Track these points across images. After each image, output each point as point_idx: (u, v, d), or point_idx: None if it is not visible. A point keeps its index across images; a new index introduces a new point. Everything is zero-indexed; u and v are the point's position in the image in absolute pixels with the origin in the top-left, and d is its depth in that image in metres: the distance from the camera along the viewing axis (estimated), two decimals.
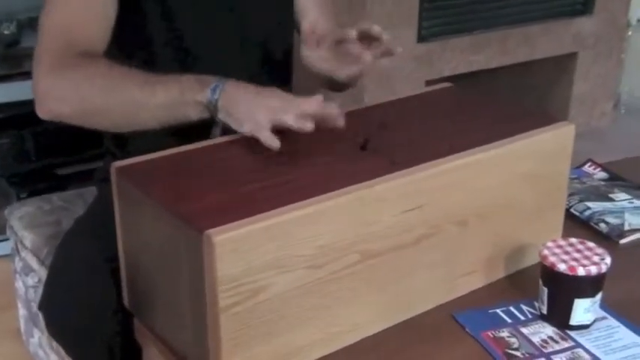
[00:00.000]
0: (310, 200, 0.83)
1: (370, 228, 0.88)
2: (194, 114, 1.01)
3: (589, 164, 1.39)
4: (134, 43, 1.16)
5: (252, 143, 0.96)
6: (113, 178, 0.93)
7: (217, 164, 0.94)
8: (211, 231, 0.77)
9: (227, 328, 0.80)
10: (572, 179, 1.33)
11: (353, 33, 1.06)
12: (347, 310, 0.89)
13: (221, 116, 0.98)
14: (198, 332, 0.83)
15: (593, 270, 0.91)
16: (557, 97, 2.63)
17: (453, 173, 0.94)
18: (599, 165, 1.38)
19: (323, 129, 0.96)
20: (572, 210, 1.21)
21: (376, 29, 1.06)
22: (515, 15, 2.36)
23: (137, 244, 0.93)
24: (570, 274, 0.91)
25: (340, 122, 0.97)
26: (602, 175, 1.35)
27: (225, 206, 0.83)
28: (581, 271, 0.91)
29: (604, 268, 0.92)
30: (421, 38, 2.19)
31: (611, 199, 1.25)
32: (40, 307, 1.14)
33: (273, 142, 0.94)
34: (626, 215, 1.20)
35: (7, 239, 1.78)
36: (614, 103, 2.73)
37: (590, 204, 1.22)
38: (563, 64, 2.58)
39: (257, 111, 0.95)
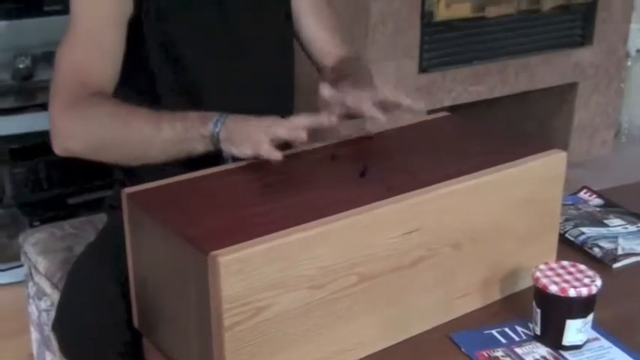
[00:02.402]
0: (310, 224, 0.87)
1: (368, 250, 0.92)
2: (200, 147, 1.07)
3: (584, 191, 1.43)
4: (140, 80, 1.21)
5: (254, 170, 1.01)
6: (124, 203, 0.97)
7: (222, 190, 0.98)
8: (216, 252, 0.81)
9: (231, 345, 0.84)
10: (567, 205, 1.37)
11: (378, 115, 1.07)
12: (347, 329, 0.93)
13: (224, 147, 1.04)
14: (204, 350, 0.87)
15: (584, 291, 0.95)
16: (559, 125, 2.68)
17: (447, 198, 0.98)
18: (595, 192, 1.42)
19: (323, 158, 1.01)
20: (566, 235, 1.25)
21: (406, 102, 1.10)
22: (515, 46, 2.42)
23: (146, 266, 0.97)
24: (562, 295, 0.94)
25: (333, 120, 1.03)
26: (598, 201, 1.39)
27: (229, 229, 0.87)
28: (572, 293, 0.94)
29: (594, 290, 0.95)
30: (422, 69, 2.25)
31: (606, 225, 1.28)
32: (53, 328, 1.18)
33: (274, 154, 1.00)
34: (620, 240, 1.23)
35: (20, 266, 1.83)
36: (615, 131, 2.77)
37: (584, 229, 1.26)
38: (563, 94, 2.63)
39: (253, 131, 1.02)
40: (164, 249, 0.91)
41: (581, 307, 0.96)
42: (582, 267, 1.00)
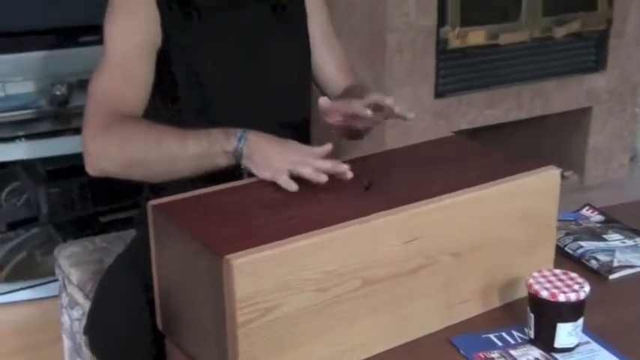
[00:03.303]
0: (316, 232, 0.96)
1: (370, 257, 1.00)
2: (223, 162, 1.15)
3: (587, 208, 1.49)
4: (166, 105, 1.30)
5: (266, 185, 1.10)
6: (149, 214, 1.07)
7: (236, 202, 1.07)
8: (230, 256, 0.90)
9: (244, 341, 0.92)
10: (569, 221, 1.43)
11: (366, 111, 1.15)
12: (350, 330, 1.01)
13: (245, 163, 1.13)
14: (220, 346, 0.95)
15: (573, 297, 1.01)
16: (574, 149, 2.73)
17: (446, 210, 1.06)
18: (597, 209, 1.48)
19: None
20: (566, 248, 1.31)
21: (388, 102, 1.17)
22: (529, 72, 2.49)
23: (169, 271, 1.06)
24: (552, 300, 1.01)
25: (348, 176, 1.10)
26: (599, 218, 1.45)
27: (242, 236, 0.95)
28: (561, 298, 1.01)
29: (583, 296, 1.02)
30: (438, 94, 2.33)
31: (604, 239, 1.35)
32: (85, 331, 1.27)
33: (292, 186, 1.08)
34: (617, 253, 1.29)
35: (54, 280, 1.94)
36: (631, 156, 2.82)
37: (583, 243, 1.32)
38: (579, 118, 2.68)
39: (276, 160, 1.09)
40: (184, 254, 1.01)
41: (570, 311, 1.02)
42: (573, 275, 1.07)
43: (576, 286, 1.03)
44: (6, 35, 2.17)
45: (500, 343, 1.06)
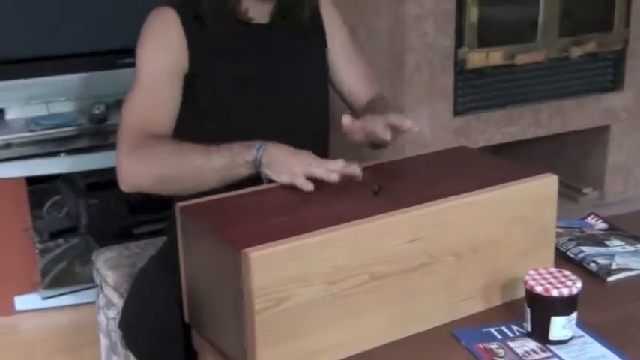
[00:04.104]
0: (325, 229, 1.05)
1: (376, 254, 1.09)
2: (245, 172, 1.26)
3: (592, 217, 1.56)
4: (191, 125, 1.40)
5: (282, 190, 1.20)
6: (177, 214, 1.18)
7: (254, 204, 1.18)
8: (248, 249, 1.00)
9: (260, 328, 1.02)
10: (573, 228, 1.51)
11: (387, 135, 1.26)
12: (357, 322, 1.10)
13: (264, 171, 1.23)
14: (239, 333, 1.05)
15: (565, 292, 1.09)
16: (593, 166, 2.79)
17: (447, 212, 1.15)
18: (601, 217, 1.56)
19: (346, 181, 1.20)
20: (568, 253, 1.39)
21: (407, 125, 1.26)
22: (547, 91, 2.57)
23: (195, 267, 1.17)
24: (545, 295, 1.10)
25: (359, 178, 1.20)
26: (602, 226, 1.53)
27: (260, 233, 1.05)
28: (554, 293, 1.09)
29: (575, 291, 1.10)
30: (457, 112, 2.42)
31: (606, 245, 1.42)
32: (120, 325, 1.39)
33: (308, 186, 1.18)
34: (616, 257, 1.36)
35: (91, 287, 2.07)
36: None
37: (584, 248, 1.40)
38: (597, 136, 2.75)
39: (293, 164, 1.20)
40: (208, 251, 1.11)
41: (563, 305, 1.10)
42: (567, 272, 1.14)
43: (569, 283, 1.11)
44: (50, 59, 2.33)
45: (499, 336, 1.14)
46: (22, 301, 2.29)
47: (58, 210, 2.52)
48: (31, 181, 2.30)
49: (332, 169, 1.18)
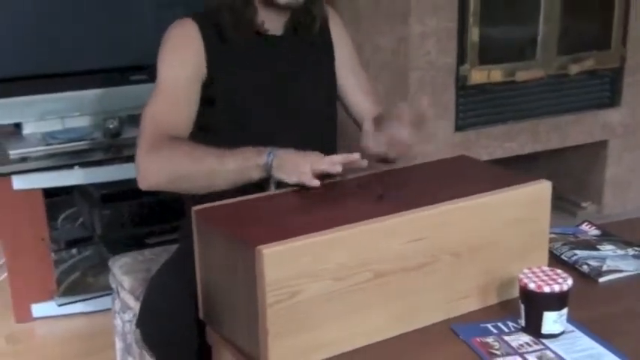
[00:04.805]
0: (332, 229, 1.13)
1: (380, 253, 1.16)
2: (255, 175, 1.34)
3: (586, 224, 1.64)
4: (209, 129, 1.48)
5: (292, 195, 1.28)
6: (193, 217, 1.26)
7: (266, 208, 1.26)
8: (262, 246, 1.08)
9: (272, 320, 1.09)
10: (568, 234, 1.58)
11: (404, 110, 1.38)
12: (362, 316, 1.17)
13: (275, 173, 1.31)
14: (252, 326, 1.13)
15: (556, 288, 1.17)
16: (592, 181, 2.87)
17: (447, 214, 1.22)
18: (595, 224, 1.63)
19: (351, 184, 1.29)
20: (562, 256, 1.46)
21: (404, 136, 1.38)
22: (546, 107, 2.66)
23: (210, 266, 1.25)
24: (538, 291, 1.17)
25: (364, 163, 1.29)
26: (596, 232, 1.60)
27: (271, 232, 1.13)
28: (546, 289, 1.16)
29: (565, 287, 1.17)
30: (458, 128, 2.51)
31: (598, 249, 1.49)
32: (137, 324, 1.46)
33: (314, 182, 1.27)
34: (607, 260, 1.43)
35: (105, 295, 2.15)
36: None
37: (577, 251, 1.47)
38: (596, 151, 2.83)
39: (300, 164, 1.28)
40: (223, 250, 1.19)
41: (555, 301, 1.17)
42: (559, 271, 1.22)
43: (560, 280, 1.18)
44: (65, 76, 2.42)
45: (495, 331, 1.21)
46: (39, 309, 2.37)
47: (73, 221, 2.61)
48: (48, 193, 2.39)
49: (335, 161, 1.27)
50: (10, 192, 2.26)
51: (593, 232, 1.60)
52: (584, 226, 1.63)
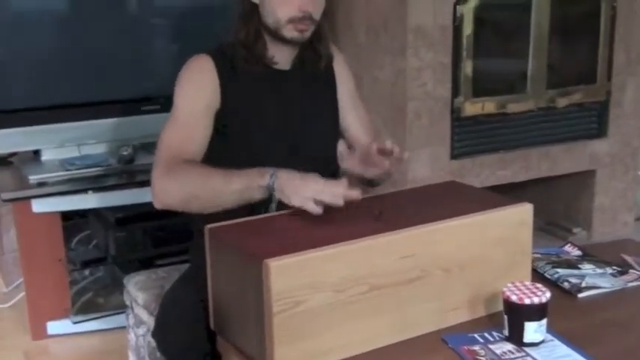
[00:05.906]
0: (333, 245, 1.25)
1: (375, 268, 1.28)
2: (258, 195, 1.46)
3: (568, 245, 1.76)
4: (220, 154, 1.60)
5: (295, 214, 1.40)
6: (206, 235, 1.38)
7: (272, 226, 1.38)
8: (269, 260, 1.20)
9: (278, 328, 1.21)
10: (551, 255, 1.70)
11: (374, 147, 1.50)
12: (360, 326, 1.28)
13: (276, 194, 1.44)
14: (259, 334, 1.24)
15: (536, 300, 1.29)
16: (583, 208, 2.99)
17: (437, 233, 1.34)
18: (577, 246, 1.75)
19: (350, 206, 1.41)
20: (545, 274, 1.58)
21: (388, 145, 1.49)
22: (536, 137, 2.79)
23: (221, 280, 1.37)
24: (519, 303, 1.29)
25: (358, 199, 1.41)
26: (577, 253, 1.72)
27: (277, 248, 1.25)
28: (527, 301, 1.29)
29: (544, 299, 1.29)
30: (453, 156, 2.65)
31: (578, 268, 1.61)
32: (153, 334, 1.58)
33: (317, 210, 1.38)
34: (586, 278, 1.55)
35: (117, 313, 2.26)
36: (637, 215, 3.06)
37: (559, 270, 1.59)
38: (585, 179, 2.95)
39: (302, 189, 1.40)
40: (233, 264, 1.31)
41: (535, 312, 1.29)
42: (539, 285, 1.34)
43: (539, 293, 1.30)
44: (81, 106, 2.56)
45: (481, 340, 1.33)
46: (54, 326, 2.48)
47: (87, 243, 2.73)
48: (64, 216, 2.51)
49: (337, 194, 1.39)
50: (29, 215, 2.38)
51: (575, 252, 1.72)
52: (567, 247, 1.75)
